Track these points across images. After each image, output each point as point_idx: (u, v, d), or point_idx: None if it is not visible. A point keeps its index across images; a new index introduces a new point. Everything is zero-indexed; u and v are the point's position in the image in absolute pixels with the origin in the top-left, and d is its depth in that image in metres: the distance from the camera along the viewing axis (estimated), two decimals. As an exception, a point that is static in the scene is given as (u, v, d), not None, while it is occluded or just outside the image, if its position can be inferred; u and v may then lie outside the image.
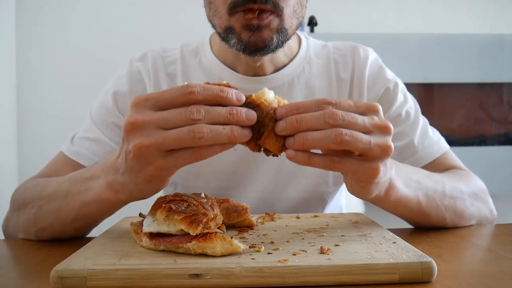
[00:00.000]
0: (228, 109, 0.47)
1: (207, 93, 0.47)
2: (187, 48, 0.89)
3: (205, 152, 0.47)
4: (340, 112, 0.48)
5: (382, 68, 0.89)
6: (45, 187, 0.68)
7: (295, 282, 0.44)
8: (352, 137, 0.47)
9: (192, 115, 0.47)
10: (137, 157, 0.48)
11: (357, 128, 0.48)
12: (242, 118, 0.48)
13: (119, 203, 0.57)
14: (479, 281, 0.46)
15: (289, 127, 0.48)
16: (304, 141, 0.48)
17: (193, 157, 0.48)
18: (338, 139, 0.47)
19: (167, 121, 0.47)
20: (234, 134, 0.47)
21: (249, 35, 0.70)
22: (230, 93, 0.48)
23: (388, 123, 0.50)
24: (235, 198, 0.79)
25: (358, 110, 0.50)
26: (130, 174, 0.51)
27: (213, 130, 0.47)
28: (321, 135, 0.47)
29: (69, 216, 0.61)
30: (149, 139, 0.47)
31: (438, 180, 0.67)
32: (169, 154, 0.48)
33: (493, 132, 2.52)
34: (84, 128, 0.84)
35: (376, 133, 0.49)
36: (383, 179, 0.53)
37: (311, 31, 2.33)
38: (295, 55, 0.87)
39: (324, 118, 0.47)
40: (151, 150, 0.47)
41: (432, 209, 0.64)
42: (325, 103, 0.49)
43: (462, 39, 2.33)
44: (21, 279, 0.50)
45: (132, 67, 0.87)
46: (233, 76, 0.83)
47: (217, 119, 0.47)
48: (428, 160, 0.83)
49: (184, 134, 0.46)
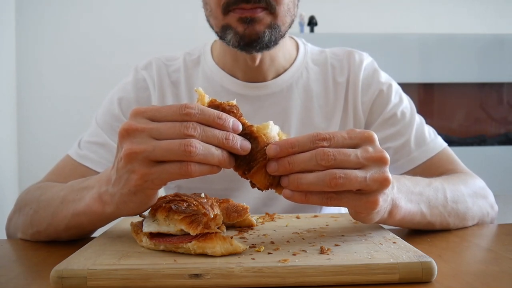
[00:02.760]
0: (225, 134, 0.47)
1: (203, 117, 0.47)
2: (190, 58, 0.91)
3: (193, 169, 0.46)
4: (332, 151, 0.47)
5: (376, 71, 0.90)
6: (45, 191, 0.68)
7: (295, 282, 0.44)
8: (346, 178, 0.46)
9: (186, 130, 0.46)
10: (126, 163, 0.48)
11: (350, 165, 0.47)
12: (236, 146, 0.47)
13: (105, 215, 0.56)
14: (479, 281, 0.46)
15: (282, 169, 0.48)
16: (299, 185, 0.47)
17: (179, 172, 0.46)
18: (332, 183, 0.46)
19: (161, 132, 0.47)
20: (225, 159, 0.47)
21: (244, 27, 0.74)
22: (227, 121, 0.48)
23: (384, 154, 0.49)
24: (236, 198, 0.79)
25: (353, 142, 0.49)
26: (118, 184, 0.50)
27: (205, 148, 0.46)
28: (315, 179, 0.47)
29: (62, 224, 0.61)
30: (139, 146, 0.47)
31: (439, 187, 0.67)
32: (156, 165, 0.47)
33: (493, 132, 2.52)
34: (90, 133, 0.85)
35: (372, 166, 0.48)
36: (383, 207, 0.52)
37: (311, 31, 2.32)
38: (294, 60, 0.89)
39: (316, 160, 0.47)
40: (139, 158, 0.47)
41: (436, 218, 0.65)
42: (319, 139, 0.48)
43: (462, 39, 2.33)
44: (21, 279, 0.50)
45: (137, 75, 0.89)
46: (233, 83, 0.86)
47: (212, 140, 0.47)
48: (423, 159, 0.83)
49: (175, 145, 0.45)
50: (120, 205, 0.52)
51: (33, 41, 2.37)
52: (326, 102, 0.88)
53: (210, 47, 0.91)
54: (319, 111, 0.87)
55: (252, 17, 0.73)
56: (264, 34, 0.74)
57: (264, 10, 0.73)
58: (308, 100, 0.87)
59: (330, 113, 0.87)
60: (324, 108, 0.87)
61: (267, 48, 0.77)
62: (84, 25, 2.40)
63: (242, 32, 0.74)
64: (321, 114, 0.87)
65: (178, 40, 2.27)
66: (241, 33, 0.74)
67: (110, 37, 2.40)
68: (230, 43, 0.76)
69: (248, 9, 0.72)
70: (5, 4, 2.26)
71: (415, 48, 2.32)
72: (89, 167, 0.80)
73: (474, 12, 2.58)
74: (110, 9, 2.41)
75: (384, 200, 0.51)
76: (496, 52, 2.33)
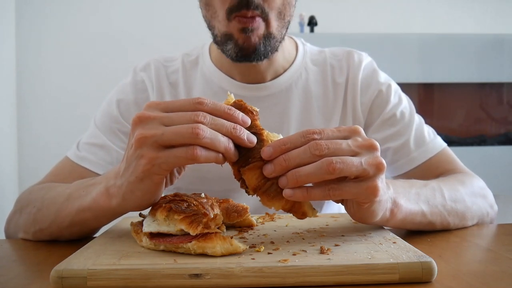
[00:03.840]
0: (233, 124, 0.49)
1: (214, 107, 0.50)
2: (188, 59, 0.91)
3: (199, 153, 0.47)
4: (324, 142, 0.48)
5: (375, 71, 0.90)
6: (49, 190, 0.68)
7: (295, 282, 0.44)
8: (343, 163, 0.47)
9: (196, 117, 0.48)
10: (136, 148, 0.49)
11: (343, 153, 0.48)
12: (243, 136, 0.49)
13: (111, 209, 0.56)
14: (479, 281, 0.46)
15: (278, 168, 0.48)
16: (298, 178, 0.48)
17: (185, 156, 0.47)
18: (330, 168, 0.46)
19: (172, 119, 0.49)
20: (231, 147, 0.49)
21: (244, 38, 0.74)
22: (237, 113, 0.50)
23: (373, 141, 0.50)
24: (236, 200, 0.79)
25: (342, 135, 0.50)
26: (126, 173, 0.51)
27: (213, 133, 0.47)
28: (313, 168, 0.47)
29: (66, 220, 0.61)
30: (150, 131, 0.48)
31: (435, 187, 0.67)
32: (164, 149, 0.48)
33: (493, 132, 2.52)
34: (89, 135, 0.85)
35: (364, 153, 0.49)
36: (384, 197, 0.52)
37: (311, 31, 2.32)
38: (293, 61, 0.89)
39: (310, 151, 0.47)
40: (149, 142, 0.48)
41: (436, 217, 0.65)
42: (310, 133, 0.49)
43: (462, 39, 2.33)
44: (21, 279, 0.50)
45: (136, 77, 0.89)
46: (232, 84, 0.86)
47: (220, 128, 0.48)
48: (423, 160, 0.83)
49: (184, 128, 0.47)
50: (126, 195, 0.52)
51: (33, 41, 2.37)
52: (325, 103, 0.87)
53: (209, 48, 0.91)
54: (318, 112, 0.87)
55: (252, 27, 0.73)
56: (259, 45, 0.75)
57: (259, 17, 0.74)
58: (307, 101, 0.87)
59: (329, 114, 0.87)
60: (323, 109, 0.87)
61: (265, 58, 0.78)
62: (84, 25, 2.40)
63: (241, 44, 0.75)
64: (320, 115, 0.87)
65: (179, 39, 2.27)
66: (240, 45, 0.75)
67: (110, 37, 2.40)
68: (228, 53, 0.77)
69: (248, 16, 0.73)
70: (5, 4, 2.26)
71: (415, 48, 2.33)
72: (88, 168, 0.80)
73: (474, 12, 2.58)
74: (110, 9, 2.41)
75: (384, 190, 0.51)
76: (496, 52, 2.33)
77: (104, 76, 2.31)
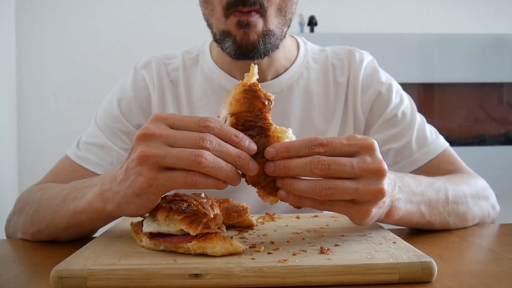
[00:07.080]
0: (238, 152, 0.48)
1: (221, 132, 0.48)
2: (188, 56, 0.91)
3: (198, 180, 0.47)
4: (327, 160, 0.47)
5: (376, 70, 0.89)
6: (47, 190, 0.68)
7: (295, 282, 0.44)
8: (336, 189, 0.47)
9: (202, 142, 0.47)
10: (136, 164, 0.48)
11: (344, 175, 0.48)
12: (247, 166, 0.48)
13: (106, 213, 0.56)
14: (479, 281, 0.46)
15: (278, 172, 0.49)
16: (291, 190, 0.49)
17: (184, 181, 0.47)
18: (322, 193, 0.47)
19: (176, 139, 0.48)
20: (233, 174, 0.48)
21: (241, 34, 0.73)
22: (243, 140, 0.49)
23: (382, 165, 0.49)
24: (236, 200, 0.79)
25: (351, 150, 0.49)
26: (124, 184, 0.51)
27: (215, 161, 0.47)
28: (306, 187, 0.48)
29: (62, 222, 0.61)
30: (153, 150, 0.48)
31: (441, 187, 0.67)
32: (164, 171, 0.48)
33: (493, 132, 2.52)
34: (90, 134, 0.85)
35: (366, 178, 0.48)
36: (377, 214, 0.52)
37: (311, 31, 2.32)
38: (294, 60, 0.88)
39: (310, 168, 0.47)
40: (150, 161, 0.48)
41: (435, 217, 0.65)
42: (316, 144, 0.48)
43: (462, 39, 2.33)
44: (21, 279, 0.50)
45: (137, 75, 0.89)
46: (232, 83, 0.85)
47: (224, 156, 0.48)
48: (425, 161, 0.83)
49: (186, 154, 0.46)
50: (122, 204, 0.52)
51: (33, 40, 2.37)
52: (327, 102, 0.87)
53: (209, 45, 0.90)
54: (319, 112, 0.86)
55: (248, 21, 0.72)
56: (258, 43, 0.74)
57: (257, 13, 0.73)
58: (308, 101, 0.86)
59: (331, 114, 0.87)
60: (325, 108, 0.87)
61: (265, 56, 0.77)
62: (85, 25, 2.40)
63: (239, 41, 0.73)
64: (321, 115, 0.87)
65: (179, 39, 2.27)
66: (239, 42, 0.73)
67: (111, 37, 2.40)
68: (227, 51, 0.76)
69: (245, 12, 0.71)
70: (5, 4, 2.26)
71: (415, 48, 2.32)
72: (88, 169, 0.80)
73: (474, 12, 2.58)
74: (110, 8, 2.41)
75: (379, 208, 0.51)
76: (496, 52, 2.33)
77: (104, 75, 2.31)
